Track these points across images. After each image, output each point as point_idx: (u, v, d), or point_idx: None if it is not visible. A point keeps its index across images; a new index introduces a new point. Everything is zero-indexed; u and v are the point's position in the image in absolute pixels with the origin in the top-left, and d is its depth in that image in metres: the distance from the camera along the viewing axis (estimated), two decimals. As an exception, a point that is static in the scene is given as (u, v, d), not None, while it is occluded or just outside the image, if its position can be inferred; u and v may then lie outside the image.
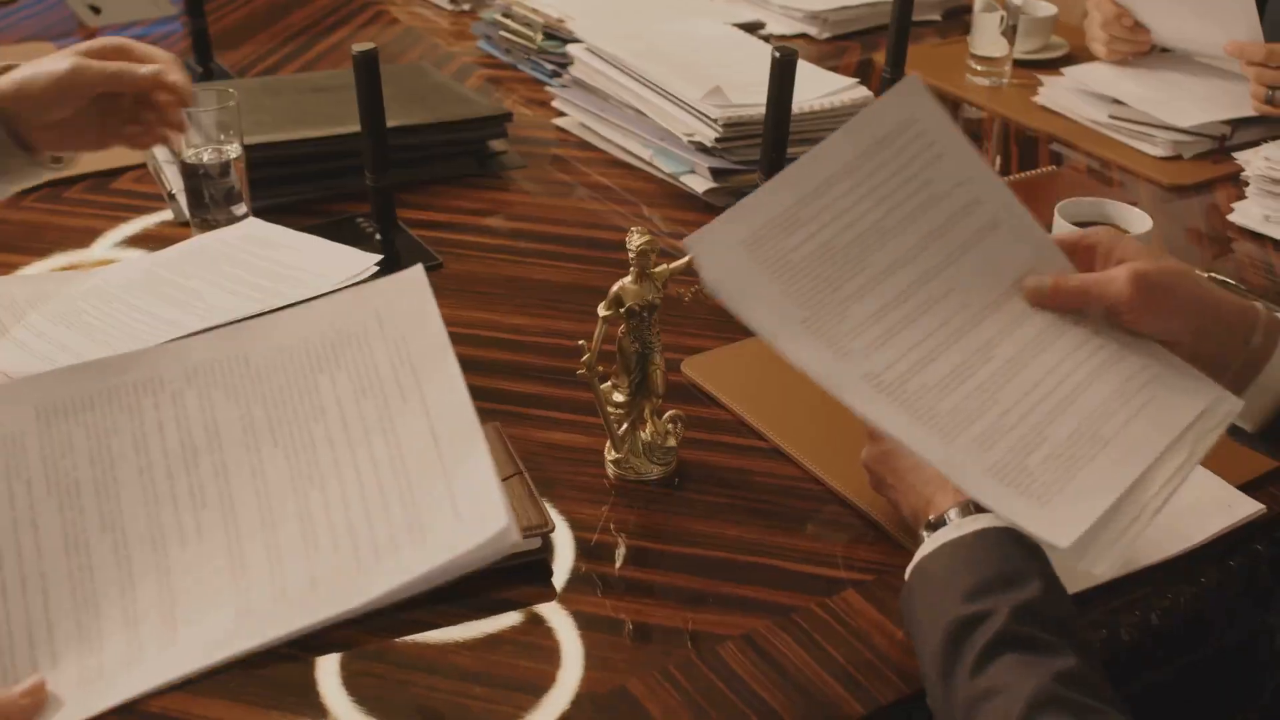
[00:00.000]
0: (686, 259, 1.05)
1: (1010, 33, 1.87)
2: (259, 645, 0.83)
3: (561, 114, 1.78)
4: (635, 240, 1.02)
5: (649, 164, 1.63)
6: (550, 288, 1.40)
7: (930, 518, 0.92)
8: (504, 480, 1.02)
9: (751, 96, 1.57)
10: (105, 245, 1.46)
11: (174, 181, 1.56)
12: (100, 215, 1.52)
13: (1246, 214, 1.53)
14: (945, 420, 0.89)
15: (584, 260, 1.48)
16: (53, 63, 1.06)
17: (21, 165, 1.07)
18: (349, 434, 0.86)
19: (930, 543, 0.90)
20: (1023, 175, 1.65)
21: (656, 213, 1.56)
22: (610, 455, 1.09)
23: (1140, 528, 0.86)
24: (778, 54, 1.34)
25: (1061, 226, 1.37)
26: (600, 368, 1.04)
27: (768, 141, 1.39)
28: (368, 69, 1.36)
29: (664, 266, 1.05)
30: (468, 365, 1.29)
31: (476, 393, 1.22)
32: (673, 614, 0.96)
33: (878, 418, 0.87)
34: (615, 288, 1.04)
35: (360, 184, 1.49)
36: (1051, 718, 0.76)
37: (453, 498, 0.81)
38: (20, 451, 0.87)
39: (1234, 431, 0.99)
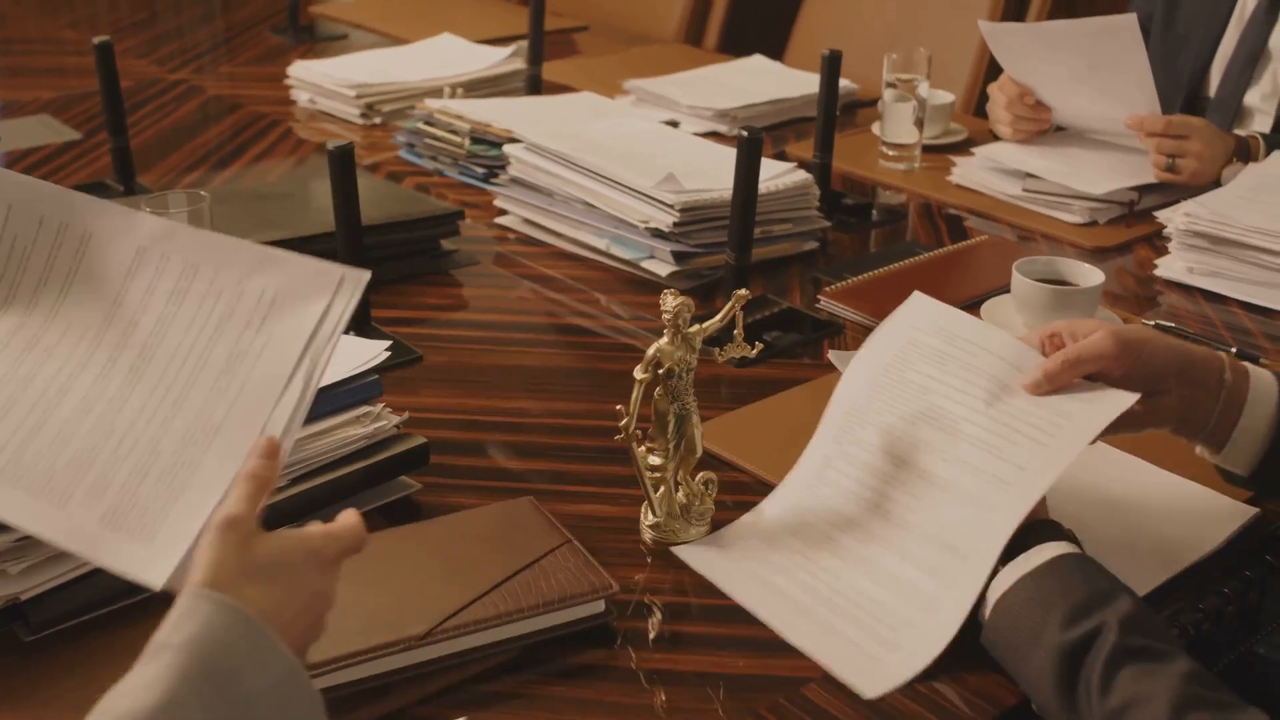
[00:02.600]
0: (718, 318, 1.08)
1: (920, 122, 1.97)
2: None
3: (503, 212, 1.80)
4: (670, 301, 1.04)
5: (602, 253, 1.66)
6: (534, 372, 1.41)
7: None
8: (553, 550, 1.01)
9: (700, 182, 1.62)
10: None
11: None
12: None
13: (1171, 268, 1.64)
14: (61, 478, 0.84)
15: (558, 345, 1.52)
16: None
17: None
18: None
19: (1004, 578, 0.93)
20: (955, 246, 1.73)
21: (614, 299, 1.59)
22: (647, 520, 1.09)
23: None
24: (745, 133, 1.40)
25: (1021, 284, 1.44)
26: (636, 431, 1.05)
27: (735, 218, 1.44)
28: (343, 164, 1.37)
29: (698, 326, 1.07)
30: (479, 448, 1.29)
31: (499, 473, 1.23)
32: (747, 661, 0.96)
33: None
34: (652, 350, 1.05)
35: (322, 285, 1.48)
36: (1199, 718, 0.78)
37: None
38: None
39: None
